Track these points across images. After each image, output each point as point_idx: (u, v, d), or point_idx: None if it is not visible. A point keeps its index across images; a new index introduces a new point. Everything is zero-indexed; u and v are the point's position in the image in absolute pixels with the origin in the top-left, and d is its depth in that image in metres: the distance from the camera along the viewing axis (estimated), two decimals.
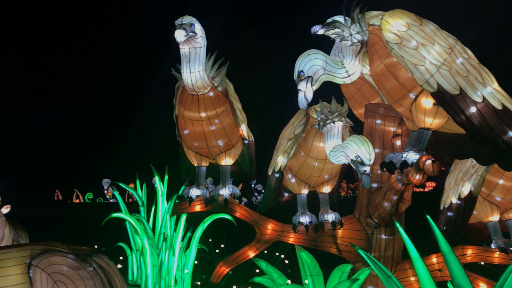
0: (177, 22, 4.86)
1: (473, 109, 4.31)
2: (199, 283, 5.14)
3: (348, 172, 6.22)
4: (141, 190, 8.45)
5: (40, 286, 3.71)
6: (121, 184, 8.57)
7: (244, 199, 6.87)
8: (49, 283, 3.72)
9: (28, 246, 4.04)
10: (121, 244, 9.18)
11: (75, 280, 3.78)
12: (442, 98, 4.33)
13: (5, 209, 6.50)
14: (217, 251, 7.34)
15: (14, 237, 6.06)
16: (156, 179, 7.60)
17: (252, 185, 19.12)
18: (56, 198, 37.74)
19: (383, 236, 5.70)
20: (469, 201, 5.87)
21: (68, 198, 37.77)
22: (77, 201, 37.36)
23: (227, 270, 6.11)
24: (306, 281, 4.87)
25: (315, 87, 4.72)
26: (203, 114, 5.46)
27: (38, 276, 3.73)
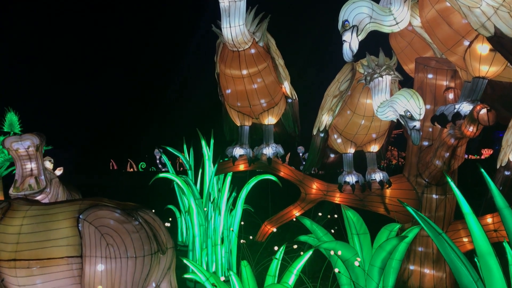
0: None
1: None
2: (243, 241, 5.15)
3: (400, 140, 5.96)
4: (189, 154, 8.59)
5: (89, 238, 3.81)
6: (169, 148, 8.72)
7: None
8: (96, 236, 3.82)
9: (77, 202, 4.16)
10: (170, 206, 9.45)
11: (121, 233, 3.85)
12: (500, 42, 3.99)
13: (58, 171, 6.86)
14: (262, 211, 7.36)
15: (68, 198, 6.35)
16: (203, 143, 7.66)
17: (300, 154, 18.81)
18: (111, 168, 39.68)
19: (434, 196, 5.48)
20: None
21: (122, 167, 39.61)
22: (131, 170, 39.01)
23: (272, 229, 6.10)
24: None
25: (361, 37, 4.47)
26: (244, 72, 5.35)
27: (86, 229, 3.83)
